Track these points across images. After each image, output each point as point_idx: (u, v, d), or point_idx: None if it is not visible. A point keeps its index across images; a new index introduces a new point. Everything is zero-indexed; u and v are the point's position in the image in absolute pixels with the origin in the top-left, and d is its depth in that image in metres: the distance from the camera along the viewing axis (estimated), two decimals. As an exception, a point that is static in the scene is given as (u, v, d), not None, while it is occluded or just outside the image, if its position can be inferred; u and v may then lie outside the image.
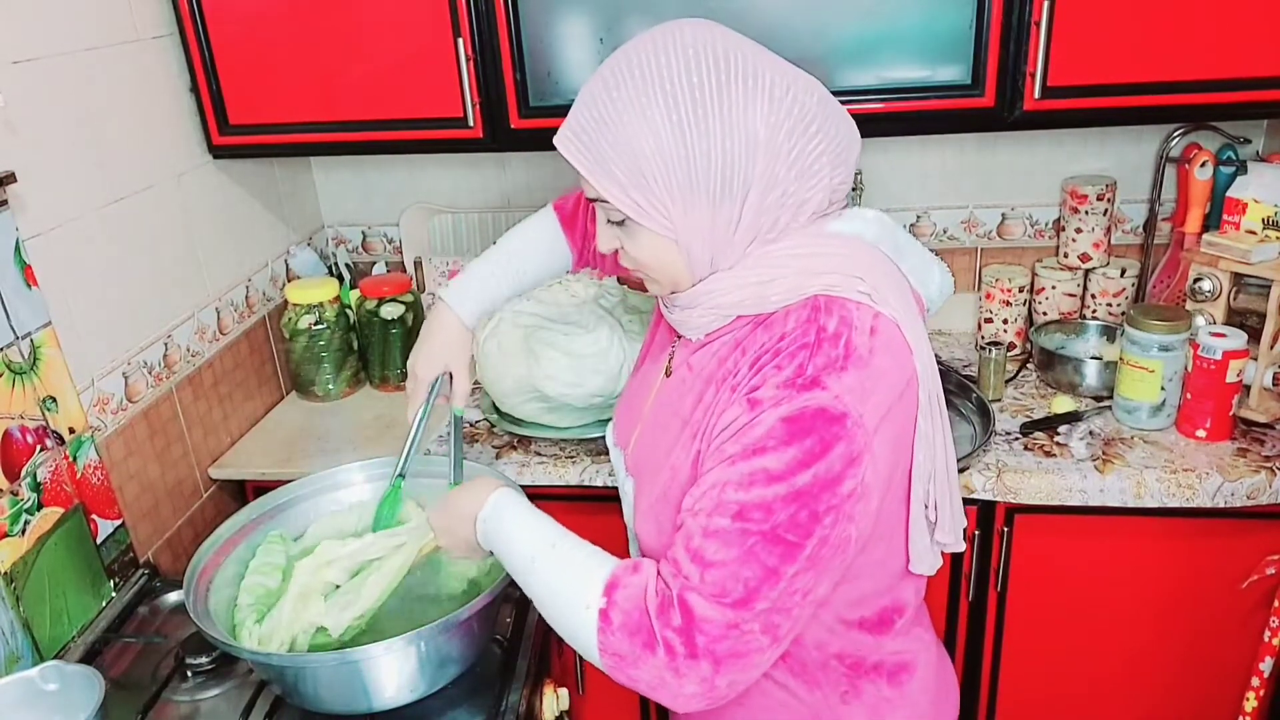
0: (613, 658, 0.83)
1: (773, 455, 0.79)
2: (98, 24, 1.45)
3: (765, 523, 0.79)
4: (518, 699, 1.15)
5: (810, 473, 0.78)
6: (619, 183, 0.84)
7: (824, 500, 0.78)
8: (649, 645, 0.81)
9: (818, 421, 0.78)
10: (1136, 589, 1.56)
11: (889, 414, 0.81)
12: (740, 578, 0.79)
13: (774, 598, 0.79)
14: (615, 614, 0.83)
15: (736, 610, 0.79)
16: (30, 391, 1.25)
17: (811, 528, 0.78)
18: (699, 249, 0.86)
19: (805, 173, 0.84)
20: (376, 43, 1.57)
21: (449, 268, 2.11)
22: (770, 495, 0.79)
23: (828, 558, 0.80)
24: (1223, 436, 1.50)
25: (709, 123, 0.80)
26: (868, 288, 0.84)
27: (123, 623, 1.35)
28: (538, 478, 1.55)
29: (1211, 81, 1.44)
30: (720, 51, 0.82)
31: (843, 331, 0.82)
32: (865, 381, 0.80)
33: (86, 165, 1.42)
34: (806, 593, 0.81)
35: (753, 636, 0.80)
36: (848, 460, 0.79)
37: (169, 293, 1.61)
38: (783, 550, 0.79)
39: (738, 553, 0.79)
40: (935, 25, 1.47)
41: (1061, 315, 1.89)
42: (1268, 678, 1.53)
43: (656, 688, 0.82)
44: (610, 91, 0.84)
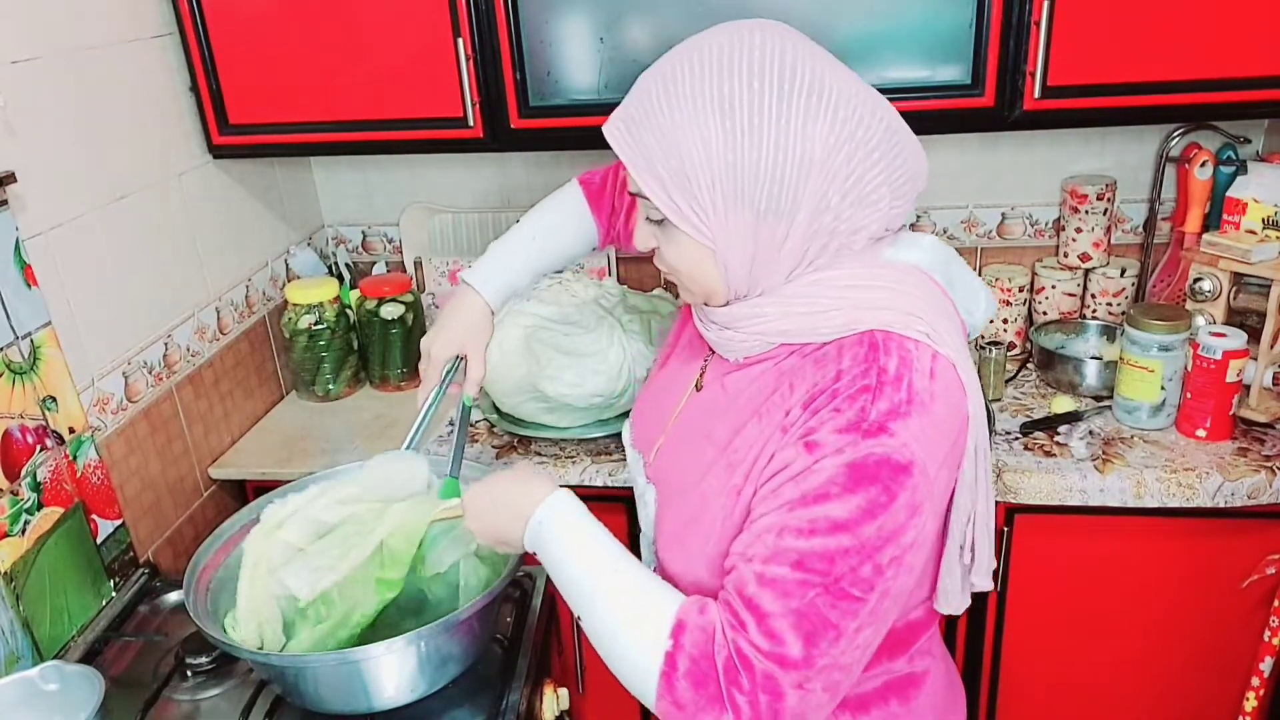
0: (672, 705, 0.78)
1: (837, 503, 0.75)
2: (97, 23, 1.45)
3: (828, 575, 0.75)
4: (518, 699, 1.15)
5: (876, 525, 0.75)
6: (661, 181, 0.80)
7: (887, 552, 0.76)
8: (715, 700, 0.77)
9: (883, 470, 0.75)
10: (1136, 589, 1.56)
11: (945, 460, 0.79)
12: (801, 630, 0.75)
13: (835, 655, 0.76)
14: (682, 660, 0.78)
15: (796, 671, 0.75)
16: (30, 391, 1.25)
17: (874, 582, 0.76)
18: (737, 264, 0.82)
19: (861, 200, 0.80)
20: (376, 43, 1.57)
21: (449, 268, 2.11)
22: (834, 546, 0.75)
23: (887, 610, 0.78)
24: (1223, 436, 1.50)
25: (763, 134, 0.76)
26: (926, 326, 0.79)
27: (123, 622, 1.35)
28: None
29: (1211, 81, 1.44)
30: (789, 61, 0.77)
31: (904, 374, 0.77)
32: (928, 428, 0.77)
33: (86, 165, 1.42)
34: (867, 646, 0.79)
35: (814, 695, 0.76)
36: (911, 510, 0.76)
37: (169, 293, 1.61)
38: (846, 606, 0.75)
39: (797, 605, 0.75)
40: (935, 25, 1.47)
41: (1061, 315, 1.89)
42: (1268, 678, 1.52)
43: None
44: (667, 85, 0.79)
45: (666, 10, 1.50)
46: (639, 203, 0.85)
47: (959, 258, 0.91)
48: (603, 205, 1.20)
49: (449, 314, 1.19)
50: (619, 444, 1.60)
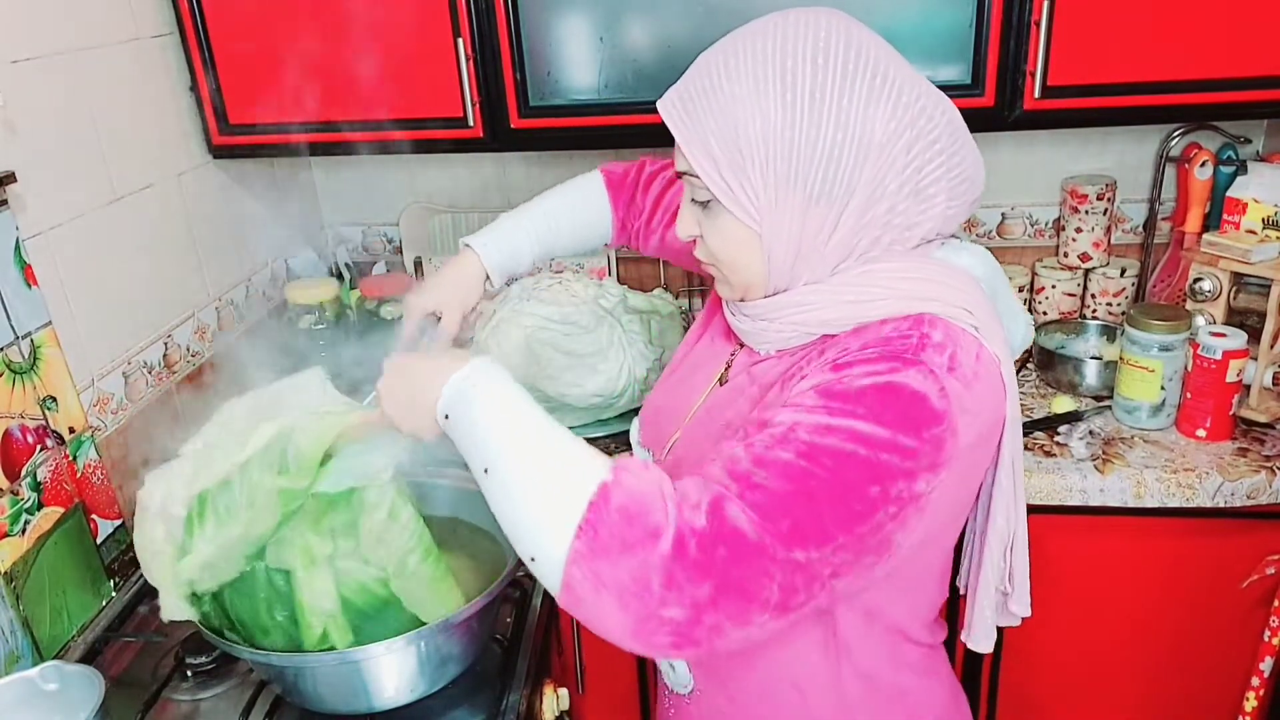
0: (589, 539, 0.67)
1: (860, 417, 0.69)
2: (98, 24, 1.45)
3: (833, 474, 0.68)
4: (518, 699, 1.15)
5: (895, 455, 0.68)
6: (714, 159, 0.77)
7: (898, 486, 0.69)
8: (645, 539, 0.66)
9: (915, 406, 0.69)
10: (1136, 589, 1.56)
11: (973, 446, 0.73)
12: (790, 512, 0.67)
13: (812, 558, 0.67)
14: (618, 492, 0.68)
15: (773, 539, 0.66)
16: (30, 391, 1.25)
17: (877, 506, 0.68)
18: (782, 251, 0.78)
19: (919, 193, 0.77)
20: (376, 43, 1.57)
21: (449, 267, 2.11)
22: (848, 450, 0.68)
23: (870, 550, 0.70)
24: (1223, 436, 1.50)
25: (823, 113, 0.73)
26: (976, 321, 0.76)
27: (123, 622, 1.34)
28: (538, 477, 1.55)
29: (1211, 81, 1.44)
30: (854, 44, 0.75)
31: (949, 345, 0.73)
32: (966, 399, 0.72)
33: (86, 165, 1.42)
34: (835, 575, 0.70)
35: (769, 581, 0.67)
36: (931, 463, 0.70)
37: (169, 292, 1.61)
38: (844, 513, 0.68)
39: (794, 489, 0.68)
40: (935, 25, 1.47)
41: (1061, 315, 1.89)
42: (1268, 678, 1.52)
43: (627, 597, 0.66)
44: (728, 61, 0.76)
45: (666, 10, 1.50)
46: (685, 185, 0.82)
47: (1005, 277, 0.89)
48: (622, 197, 1.17)
49: (439, 272, 1.15)
50: (619, 444, 1.60)
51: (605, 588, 0.67)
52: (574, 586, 0.68)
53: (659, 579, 0.66)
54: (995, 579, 0.83)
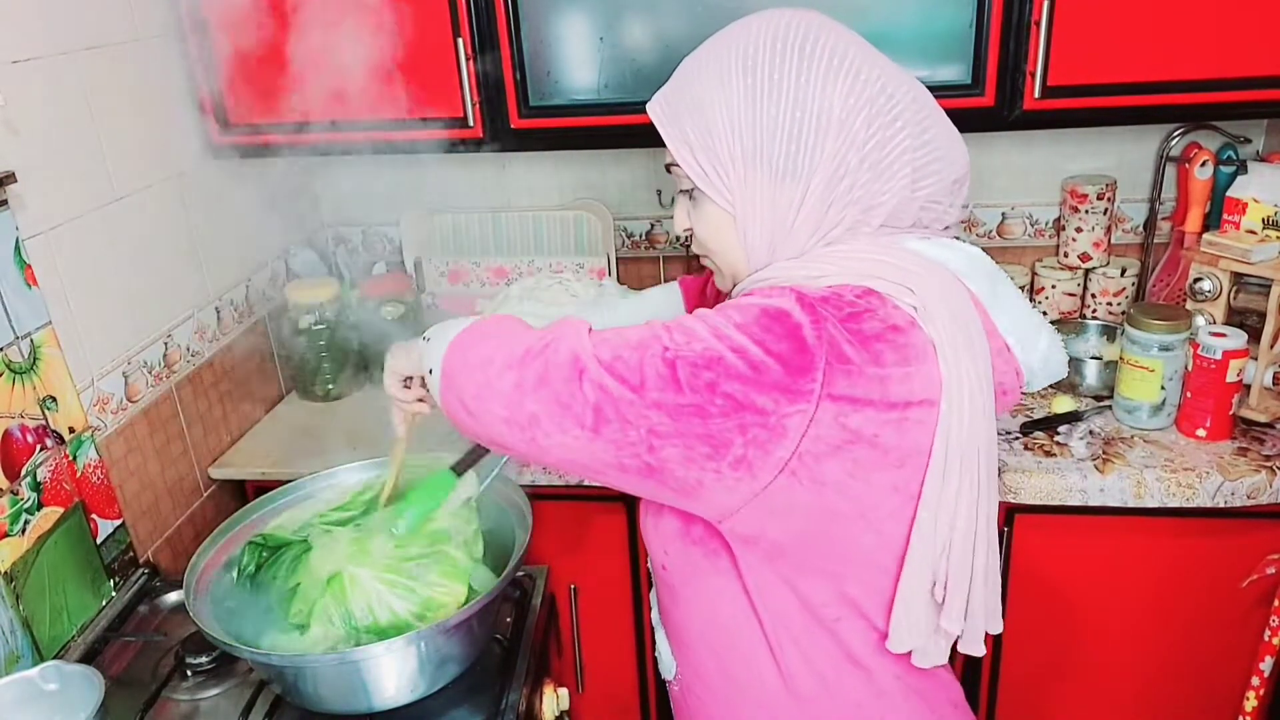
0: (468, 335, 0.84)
1: (731, 324, 0.75)
2: (98, 24, 1.45)
3: (673, 346, 0.75)
4: (518, 699, 1.15)
5: (743, 360, 0.73)
6: (690, 145, 0.83)
7: (732, 385, 0.73)
8: (510, 333, 0.82)
9: (787, 339, 0.74)
10: (1136, 589, 1.56)
11: (859, 405, 0.74)
12: (618, 353, 0.76)
13: (622, 394, 0.74)
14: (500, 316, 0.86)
15: (591, 360, 0.76)
16: (30, 391, 1.25)
17: (703, 390, 0.73)
18: (756, 230, 0.83)
19: (880, 169, 0.79)
20: (376, 43, 1.57)
21: (449, 268, 2.11)
22: (701, 333, 0.76)
23: (694, 432, 0.74)
24: (1223, 436, 1.50)
25: (782, 92, 0.78)
26: (916, 300, 0.77)
27: (123, 622, 1.35)
28: (538, 478, 1.55)
29: (1211, 81, 1.44)
30: (813, 30, 0.80)
31: (858, 306, 0.76)
32: (855, 357, 0.74)
33: (86, 165, 1.42)
34: (651, 432, 0.74)
35: (581, 398, 0.75)
36: (780, 384, 0.72)
37: (169, 292, 1.61)
38: (665, 375, 0.74)
39: (635, 342, 0.77)
40: (935, 25, 1.47)
41: (1061, 315, 1.89)
42: (1268, 677, 1.52)
43: (478, 368, 0.81)
44: (699, 57, 0.84)
45: (666, 10, 1.50)
46: (675, 177, 0.87)
47: (1008, 281, 0.88)
48: (691, 301, 1.23)
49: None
50: (619, 444, 1.60)
51: (470, 366, 0.82)
52: (448, 370, 0.84)
53: (501, 357, 0.80)
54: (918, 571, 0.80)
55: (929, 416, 0.76)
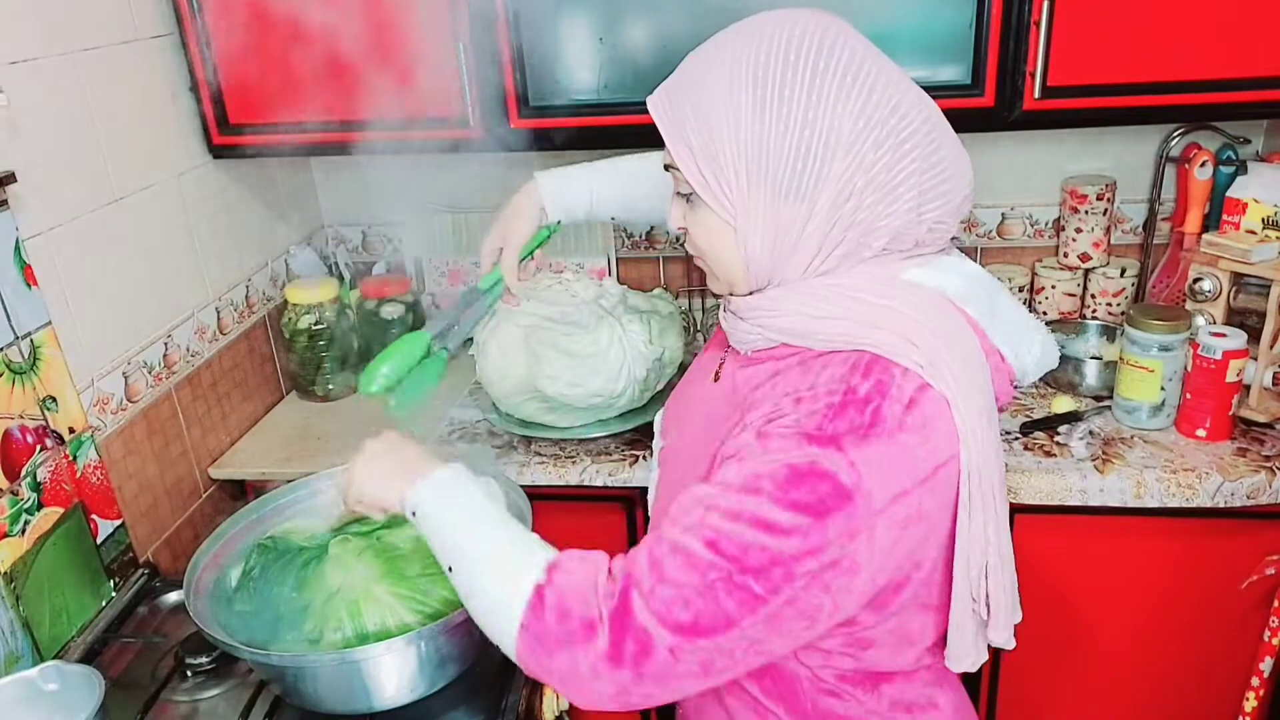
0: (533, 640, 0.78)
1: (768, 501, 0.74)
2: (97, 24, 1.45)
3: (736, 563, 0.74)
4: (518, 699, 1.15)
5: (800, 536, 0.73)
6: (691, 149, 0.80)
7: (804, 564, 0.73)
8: (575, 636, 0.76)
9: (822, 486, 0.73)
10: (1136, 589, 1.56)
11: (904, 496, 0.75)
12: (691, 607, 0.74)
13: (719, 641, 0.75)
14: (551, 594, 0.78)
15: (676, 636, 0.74)
16: (30, 391, 1.25)
17: (781, 587, 0.74)
18: (757, 246, 0.81)
19: (886, 191, 0.77)
20: (376, 43, 1.57)
21: (449, 268, 2.11)
22: (751, 538, 0.74)
23: (790, 619, 0.75)
24: (1223, 436, 1.50)
25: (792, 111, 0.76)
26: (922, 357, 0.76)
27: (122, 622, 1.35)
28: (538, 478, 1.55)
29: (1211, 81, 1.44)
30: (829, 42, 0.77)
31: (874, 399, 0.75)
32: (885, 458, 0.74)
33: (86, 165, 1.42)
34: (756, 644, 0.76)
35: (685, 667, 0.75)
36: (844, 534, 0.74)
37: (169, 293, 1.61)
38: (744, 599, 0.74)
39: (698, 581, 0.74)
40: (935, 25, 1.47)
41: (1061, 315, 1.89)
42: (1268, 678, 1.52)
43: (569, 681, 0.77)
44: (707, 56, 0.81)
45: (666, 11, 1.50)
46: (673, 177, 0.85)
47: (1005, 292, 0.88)
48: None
49: (502, 207, 1.16)
50: (619, 444, 1.60)
51: (551, 674, 0.78)
52: (530, 668, 0.80)
53: (586, 671, 0.76)
54: (965, 600, 0.83)
55: (955, 466, 0.78)
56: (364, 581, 1.13)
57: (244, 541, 1.23)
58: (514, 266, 1.13)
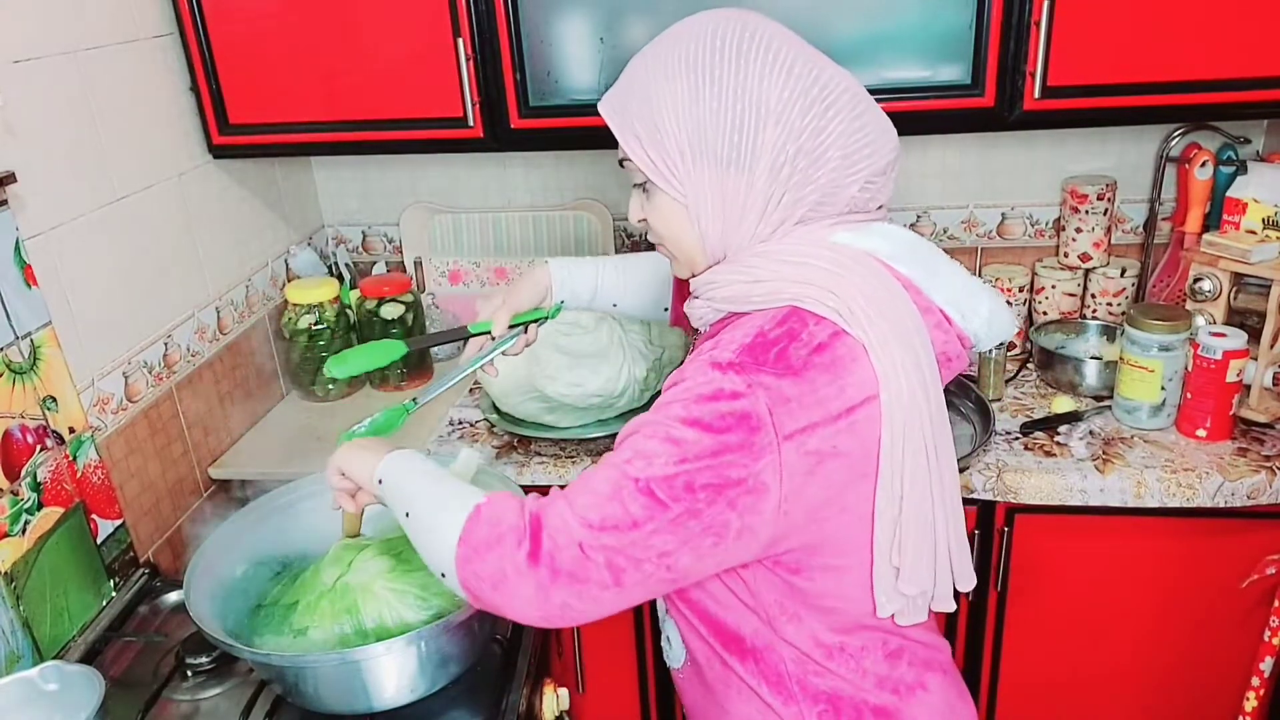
0: (468, 549, 0.84)
1: (675, 420, 0.81)
2: (97, 24, 1.45)
3: (643, 473, 0.80)
4: (518, 699, 1.15)
5: (700, 446, 0.79)
6: (639, 139, 0.88)
7: (703, 476, 0.79)
8: (503, 539, 0.82)
9: (722, 405, 0.79)
10: (1136, 589, 1.56)
11: (814, 429, 0.80)
12: (602, 510, 0.80)
13: (624, 542, 0.80)
14: (486, 508, 0.85)
15: (585, 530, 0.80)
16: (30, 391, 1.25)
17: (682, 495, 0.79)
18: (708, 220, 0.88)
19: (816, 155, 0.84)
20: (376, 43, 1.57)
21: (449, 268, 2.11)
22: (657, 449, 0.80)
23: (696, 532, 0.80)
24: (1223, 436, 1.50)
25: (723, 86, 0.83)
26: (839, 304, 0.83)
27: (123, 622, 1.35)
28: (538, 478, 1.55)
29: (1211, 81, 1.44)
30: (750, 28, 0.85)
31: (782, 341, 0.82)
32: (788, 389, 0.80)
33: (86, 165, 1.42)
34: (663, 555, 0.81)
35: (594, 567, 0.80)
36: (743, 449, 0.79)
37: (169, 293, 1.61)
38: (647, 503, 0.79)
39: (609, 490, 0.81)
40: (935, 25, 1.47)
41: (1061, 315, 1.89)
42: (1268, 677, 1.53)
43: (497, 585, 0.82)
44: (645, 58, 0.89)
45: (666, 10, 1.50)
46: (628, 171, 0.92)
47: (945, 258, 0.94)
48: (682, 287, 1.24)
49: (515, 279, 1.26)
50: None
51: (483, 580, 0.83)
52: (467, 586, 0.85)
53: (510, 569, 0.82)
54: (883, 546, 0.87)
55: (875, 410, 0.83)
56: (364, 578, 1.13)
57: (244, 541, 1.24)
58: (503, 321, 1.18)
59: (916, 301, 0.88)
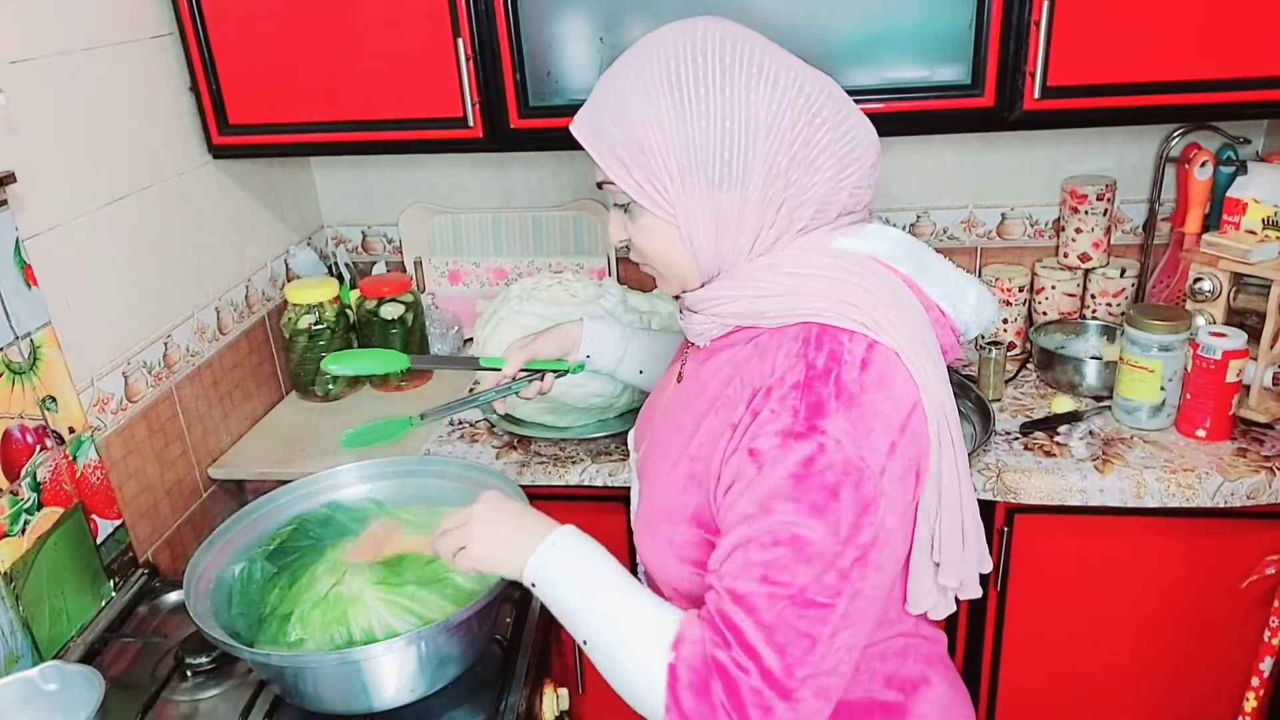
0: (680, 718, 0.79)
1: (787, 513, 0.77)
2: (97, 24, 1.45)
3: (792, 586, 0.76)
4: (518, 699, 1.15)
5: (829, 528, 0.76)
6: (623, 163, 0.85)
7: (847, 555, 0.77)
8: (714, 710, 0.77)
9: (822, 472, 0.76)
10: (1136, 589, 1.56)
11: (894, 451, 0.79)
12: (774, 645, 0.76)
13: (815, 662, 0.77)
14: (683, 671, 0.79)
15: (782, 683, 0.76)
16: (30, 391, 1.25)
17: (840, 587, 0.77)
18: (701, 238, 0.85)
19: (808, 165, 0.83)
20: (376, 43, 1.57)
21: (449, 268, 2.11)
22: (792, 555, 0.76)
23: (862, 610, 0.79)
24: (1222, 436, 1.50)
25: (710, 103, 0.81)
26: (863, 316, 0.81)
27: (122, 622, 1.35)
28: (538, 478, 1.55)
29: (1211, 81, 1.44)
30: (729, 40, 0.83)
31: (832, 368, 0.79)
32: (860, 421, 0.78)
33: (86, 165, 1.42)
34: (850, 648, 0.79)
35: (806, 703, 0.77)
36: (862, 507, 0.77)
37: (169, 293, 1.61)
38: (816, 614, 0.76)
39: (768, 619, 0.77)
40: (935, 25, 1.47)
41: (1061, 315, 1.89)
42: (1268, 678, 1.52)
43: None
44: (620, 75, 0.86)
45: (666, 10, 1.50)
46: (607, 192, 0.90)
47: (931, 251, 0.93)
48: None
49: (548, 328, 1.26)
50: (619, 444, 1.60)
51: None
52: None
53: None
54: (924, 545, 0.86)
55: (920, 413, 0.82)
56: (355, 587, 1.12)
57: (244, 541, 1.23)
58: (516, 364, 1.20)
59: (920, 300, 0.88)
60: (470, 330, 2.03)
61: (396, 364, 1.21)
